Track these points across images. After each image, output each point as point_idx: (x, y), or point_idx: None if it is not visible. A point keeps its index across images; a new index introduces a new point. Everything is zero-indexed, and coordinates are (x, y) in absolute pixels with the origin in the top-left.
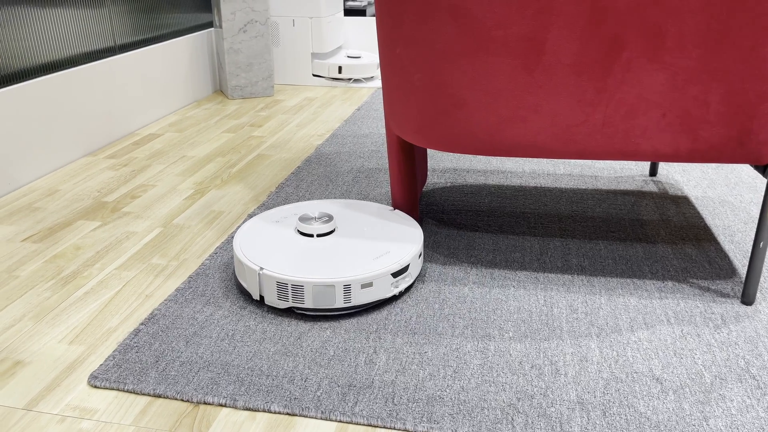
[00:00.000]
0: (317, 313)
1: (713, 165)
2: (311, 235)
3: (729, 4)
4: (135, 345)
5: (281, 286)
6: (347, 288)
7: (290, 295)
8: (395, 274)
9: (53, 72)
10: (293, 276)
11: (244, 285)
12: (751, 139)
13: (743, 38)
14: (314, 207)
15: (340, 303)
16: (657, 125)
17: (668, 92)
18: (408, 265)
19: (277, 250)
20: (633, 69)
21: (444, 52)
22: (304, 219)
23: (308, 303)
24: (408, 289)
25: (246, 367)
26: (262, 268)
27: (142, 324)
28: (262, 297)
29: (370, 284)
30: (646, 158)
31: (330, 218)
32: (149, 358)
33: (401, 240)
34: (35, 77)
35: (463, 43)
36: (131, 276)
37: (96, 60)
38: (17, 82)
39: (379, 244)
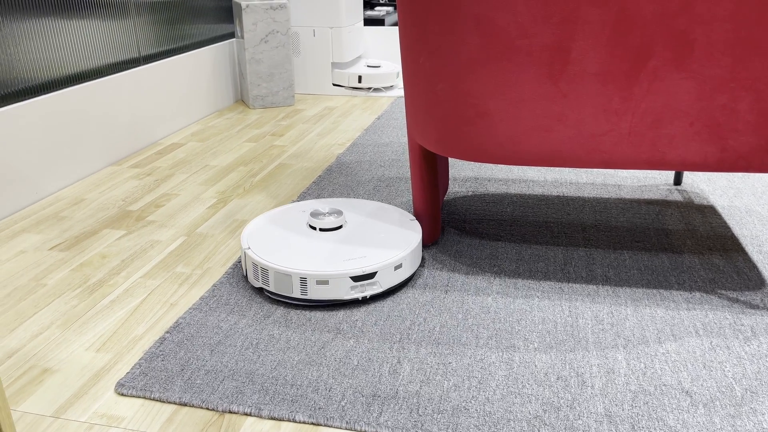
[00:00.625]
0: (283, 300)
1: (739, 174)
2: (315, 228)
3: (758, 12)
4: (161, 353)
5: (255, 267)
6: (303, 281)
7: (260, 277)
8: (356, 279)
9: (79, 83)
10: (263, 260)
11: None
12: None
13: None
14: (340, 204)
15: (297, 293)
16: (684, 134)
17: (696, 101)
18: (375, 273)
19: (278, 237)
20: (660, 77)
21: (468, 62)
22: (315, 213)
23: (272, 287)
24: (390, 294)
25: (270, 376)
26: (249, 248)
27: (167, 332)
28: (246, 275)
29: (325, 282)
30: (674, 167)
31: (339, 215)
32: (175, 366)
33: (388, 248)
34: (61, 88)
35: (487, 53)
36: (156, 284)
37: (121, 71)
38: (44, 93)
39: (363, 248)
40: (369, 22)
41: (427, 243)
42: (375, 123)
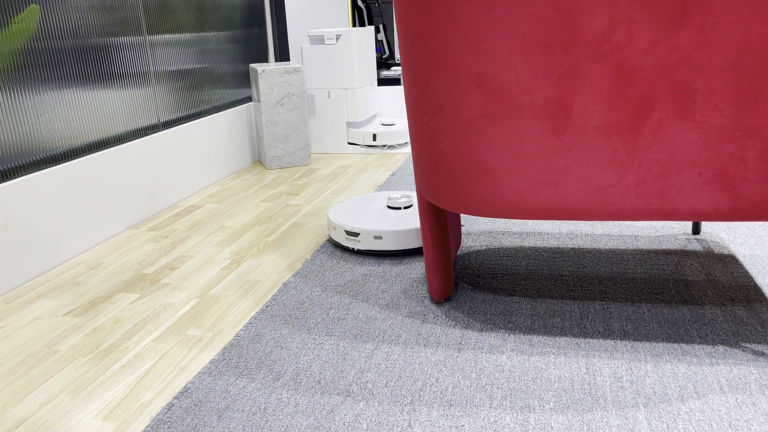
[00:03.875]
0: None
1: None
2: (392, 207)
3: (758, 62)
4: (168, 420)
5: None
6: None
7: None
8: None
9: (99, 150)
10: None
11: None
12: None
13: None
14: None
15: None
16: (694, 184)
17: (703, 151)
18: (359, 233)
19: (359, 209)
20: (664, 128)
21: (471, 119)
22: (392, 198)
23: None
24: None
25: None
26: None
27: (175, 398)
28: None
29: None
30: (686, 218)
31: (411, 204)
32: None
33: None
34: (82, 156)
35: (490, 110)
36: (167, 348)
37: (140, 137)
38: (65, 161)
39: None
40: (386, 81)
41: (440, 300)
42: (389, 179)
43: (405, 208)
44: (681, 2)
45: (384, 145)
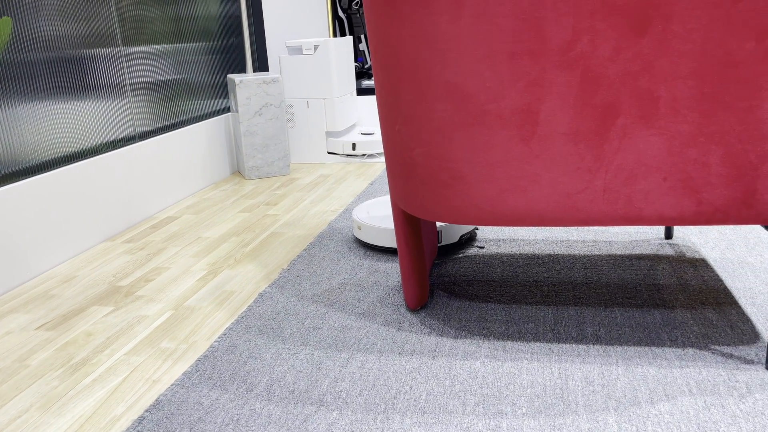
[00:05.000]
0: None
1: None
2: None
3: (719, 69)
4: None
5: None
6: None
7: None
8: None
9: (75, 161)
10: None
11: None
12: (757, 200)
13: (738, 100)
14: None
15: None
16: (659, 189)
17: (667, 156)
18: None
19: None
20: (629, 135)
21: (441, 127)
22: None
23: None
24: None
25: None
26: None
27: (146, 411)
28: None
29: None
30: (652, 223)
31: None
32: None
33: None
34: (56, 168)
35: (459, 118)
36: (140, 361)
37: (116, 148)
38: (39, 173)
39: None
40: (366, 91)
41: (415, 307)
42: (368, 188)
43: None
44: (642, 11)
45: (364, 155)
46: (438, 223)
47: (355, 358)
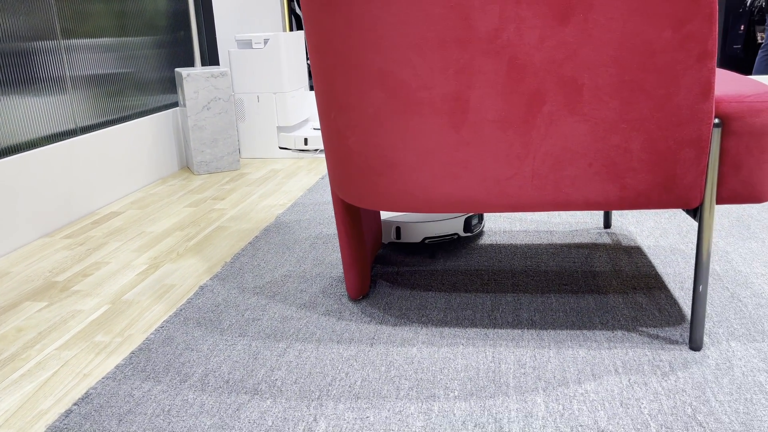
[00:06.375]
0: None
1: (667, 214)
2: None
3: (638, 58)
4: (65, 427)
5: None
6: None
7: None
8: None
9: (10, 155)
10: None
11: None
12: (677, 184)
13: (656, 88)
14: None
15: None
16: (585, 175)
17: (591, 142)
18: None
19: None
20: (555, 121)
21: (374, 115)
22: None
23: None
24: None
25: None
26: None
27: (74, 404)
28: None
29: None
30: (579, 208)
31: None
32: None
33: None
34: None
35: (392, 106)
36: (71, 355)
37: (55, 142)
38: None
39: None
40: None
41: (356, 297)
42: (318, 183)
43: None
44: (565, 0)
45: (316, 149)
46: (391, 218)
47: (293, 348)
